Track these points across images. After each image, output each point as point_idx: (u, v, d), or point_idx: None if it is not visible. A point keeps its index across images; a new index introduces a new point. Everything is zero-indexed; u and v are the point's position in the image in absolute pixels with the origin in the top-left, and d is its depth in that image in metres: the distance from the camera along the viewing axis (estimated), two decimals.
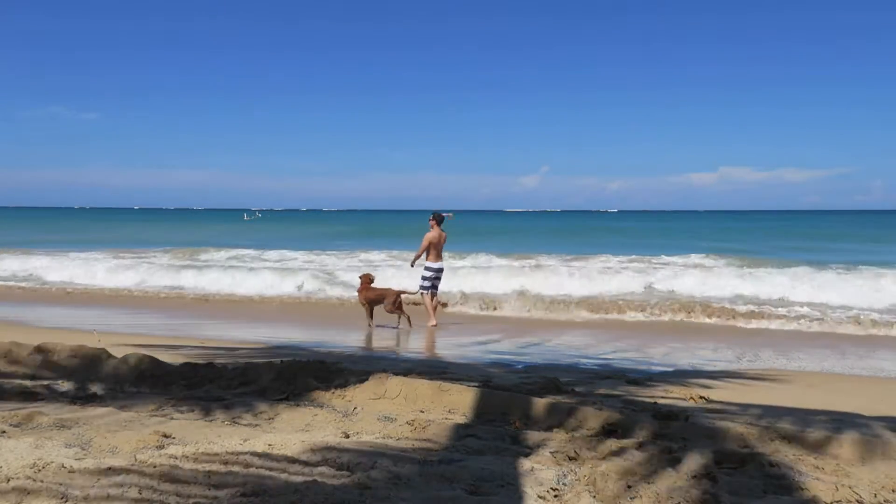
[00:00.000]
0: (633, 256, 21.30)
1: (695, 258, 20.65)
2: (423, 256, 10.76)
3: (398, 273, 14.96)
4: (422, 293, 10.75)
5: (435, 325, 10.39)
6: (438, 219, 10.85)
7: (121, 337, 8.12)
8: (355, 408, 4.11)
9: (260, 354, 6.92)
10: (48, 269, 18.02)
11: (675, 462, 3.06)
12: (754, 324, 10.77)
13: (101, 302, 13.61)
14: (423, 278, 10.73)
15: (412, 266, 11.22)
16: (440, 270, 10.82)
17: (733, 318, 11.14)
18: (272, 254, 22.97)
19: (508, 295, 12.92)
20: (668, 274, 15.64)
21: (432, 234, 10.71)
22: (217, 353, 7.08)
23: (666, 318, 11.44)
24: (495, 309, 12.29)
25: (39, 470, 2.54)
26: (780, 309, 11.58)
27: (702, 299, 12.66)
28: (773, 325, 10.64)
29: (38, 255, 20.50)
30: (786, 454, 3.29)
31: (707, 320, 11.21)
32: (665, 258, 20.54)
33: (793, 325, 10.62)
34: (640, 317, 11.57)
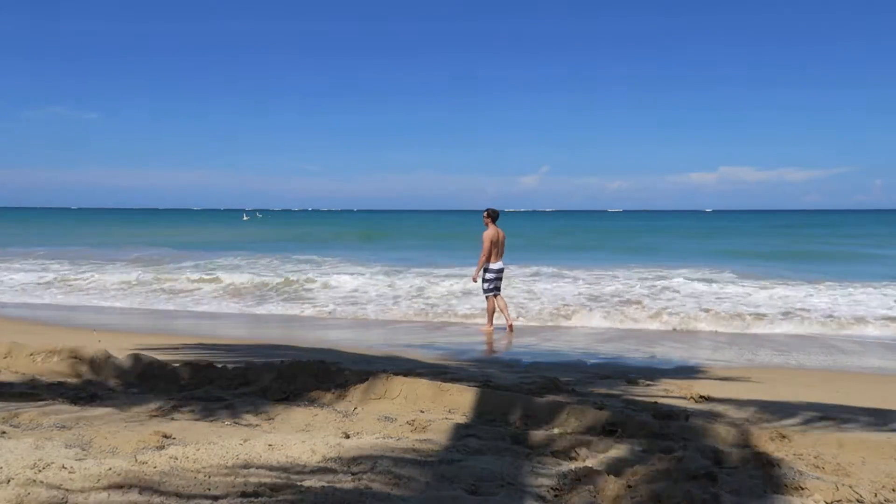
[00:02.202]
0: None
1: None
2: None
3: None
4: (487, 297, 10.17)
5: (489, 330, 9.89)
6: (494, 215, 10.26)
7: (121, 337, 8.12)
8: (355, 408, 4.11)
9: (260, 355, 6.93)
10: None
11: (675, 462, 3.06)
12: None
13: None
14: (485, 280, 10.13)
15: (476, 278, 10.28)
16: (501, 271, 10.20)
17: None
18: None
19: None
20: None
21: (490, 232, 10.12)
22: (217, 352, 7.08)
23: None
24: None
25: (40, 470, 2.54)
26: None
27: None
28: None
29: None
30: (786, 453, 3.29)
31: None
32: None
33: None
34: None
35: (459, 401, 4.11)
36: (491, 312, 10.14)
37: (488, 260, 10.11)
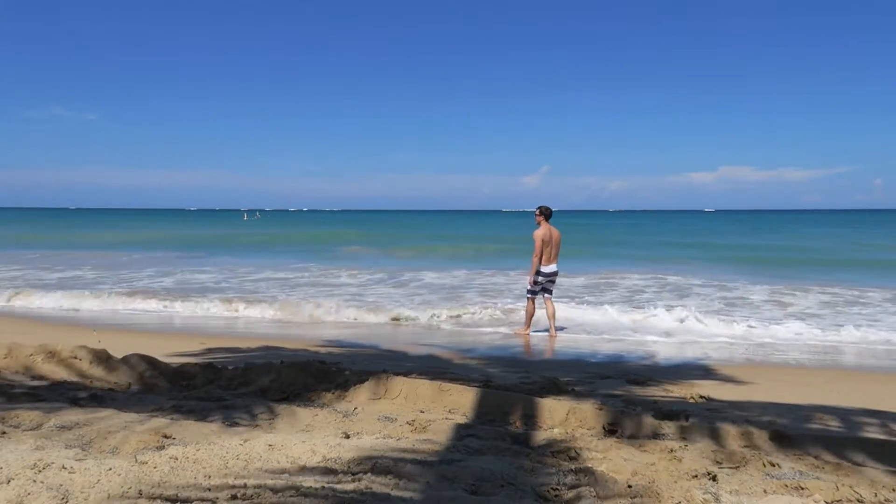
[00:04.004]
0: None
1: None
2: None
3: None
4: (528, 298, 9.62)
5: (523, 333, 9.47)
6: (547, 213, 9.59)
7: (121, 337, 8.12)
8: (355, 408, 4.11)
9: (260, 355, 6.93)
10: None
11: (675, 462, 3.07)
12: None
13: None
14: (532, 281, 9.56)
15: (532, 281, 9.62)
16: (552, 274, 9.58)
17: None
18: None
19: None
20: None
21: (542, 230, 9.46)
22: (217, 353, 7.08)
23: None
24: None
25: (40, 471, 2.53)
26: None
27: None
28: None
29: None
30: (786, 453, 3.29)
31: None
32: None
33: None
34: None
35: (460, 401, 4.11)
36: (530, 316, 9.60)
37: (540, 261, 9.55)
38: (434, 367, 6.43)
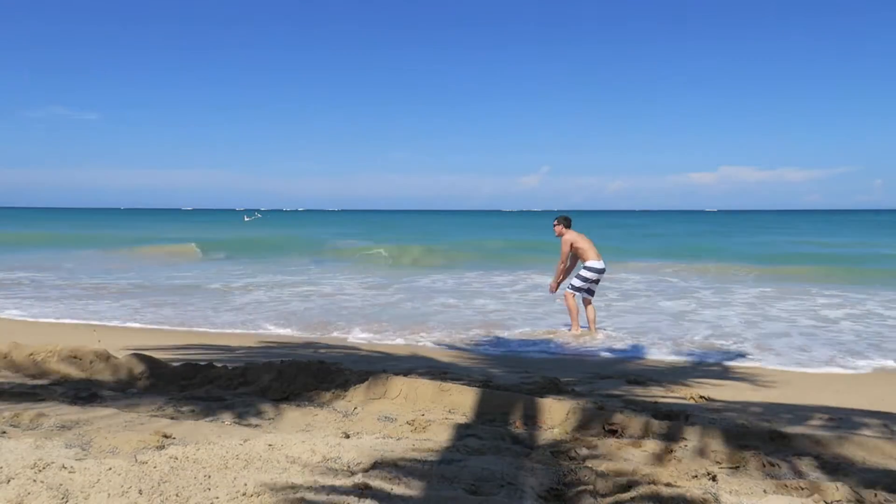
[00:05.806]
0: None
1: None
2: (574, 258, 9.38)
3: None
4: (565, 291, 9.41)
5: (578, 334, 9.12)
6: (566, 222, 9.49)
7: (121, 336, 8.12)
8: (355, 408, 4.11)
9: (260, 355, 6.93)
10: None
11: (675, 462, 3.07)
12: None
13: None
14: (581, 278, 9.31)
15: (554, 290, 9.59)
16: (602, 271, 9.33)
17: None
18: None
19: None
20: None
21: (572, 235, 9.37)
22: (217, 352, 7.08)
23: None
24: None
25: (40, 470, 2.54)
26: None
27: None
28: None
29: None
30: (786, 453, 3.29)
31: None
32: None
33: None
34: None
35: (460, 401, 4.11)
36: (575, 311, 9.30)
37: (588, 258, 9.29)
38: (434, 367, 6.43)
